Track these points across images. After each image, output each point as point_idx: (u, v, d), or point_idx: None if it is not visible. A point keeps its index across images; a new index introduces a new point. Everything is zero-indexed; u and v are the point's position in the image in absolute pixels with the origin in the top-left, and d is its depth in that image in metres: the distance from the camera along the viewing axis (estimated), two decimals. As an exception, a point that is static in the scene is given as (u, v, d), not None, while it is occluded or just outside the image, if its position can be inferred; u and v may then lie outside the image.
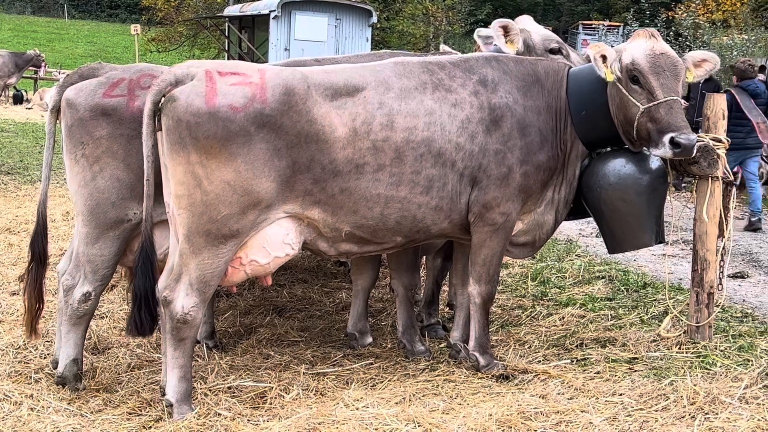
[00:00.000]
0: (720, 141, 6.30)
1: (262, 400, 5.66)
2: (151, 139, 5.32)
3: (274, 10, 31.14)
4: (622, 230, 6.23)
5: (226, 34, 36.72)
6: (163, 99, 5.28)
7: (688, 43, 30.57)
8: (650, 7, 38.56)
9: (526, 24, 6.97)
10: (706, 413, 5.22)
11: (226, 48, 36.25)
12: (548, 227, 6.35)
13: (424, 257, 7.75)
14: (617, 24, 45.02)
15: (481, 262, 6.14)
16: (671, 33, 33.08)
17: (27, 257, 6.07)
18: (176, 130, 5.23)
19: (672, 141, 5.68)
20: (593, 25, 45.73)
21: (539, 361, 6.36)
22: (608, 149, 6.32)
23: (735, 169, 11.94)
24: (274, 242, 5.54)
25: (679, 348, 6.46)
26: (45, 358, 6.20)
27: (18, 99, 31.63)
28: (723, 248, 6.61)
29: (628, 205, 6.11)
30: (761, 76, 14.87)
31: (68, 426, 5.10)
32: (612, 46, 6.04)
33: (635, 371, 6.07)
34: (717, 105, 6.47)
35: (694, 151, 5.79)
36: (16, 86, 31.88)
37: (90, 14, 72.88)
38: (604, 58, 5.87)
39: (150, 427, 5.25)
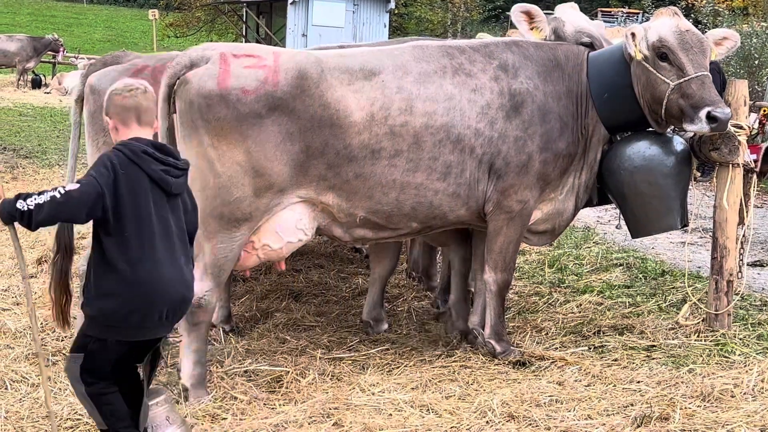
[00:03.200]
0: (741, 127, 6.23)
1: (278, 384, 5.66)
2: (166, 122, 5.34)
3: (292, -5, 31.12)
4: (647, 213, 6.16)
5: (244, 20, 36.78)
6: (177, 82, 5.29)
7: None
8: (669, -6, 38.27)
9: (564, 13, 6.69)
10: (722, 402, 5.20)
11: (244, 33, 36.28)
12: (568, 214, 6.29)
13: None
14: (636, 11, 44.67)
15: (497, 250, 6.08)
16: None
17: (51, 248, 6.07)
18: (188, 112, 5.25)
19: (709, 115, 5.63)
20: (612, 12, 45.45)
21: (556, 348, 6.33)
22: (628, 133, 6.25)
23: (754, 156, 11.79)
24: (287, 227, 5.52)
25: (698, 336, 6.42)
26: (62, 341, 6.22)
27: (36, 83, 31.67)
28: (743, 236, 6.56)
29: (653, 187, 6.04)
30: None
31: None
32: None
33: (653, 359, 6.04)
34: (739, 91, 6.39)
35: (729, 125, 5.77)
36: (34, 70, 32.01)
37: (108, -1, 73.12)
38: (633, 35, 5.83)
39: (166, 410, 5.24)
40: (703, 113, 5.65)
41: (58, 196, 3.97)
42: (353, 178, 5.50)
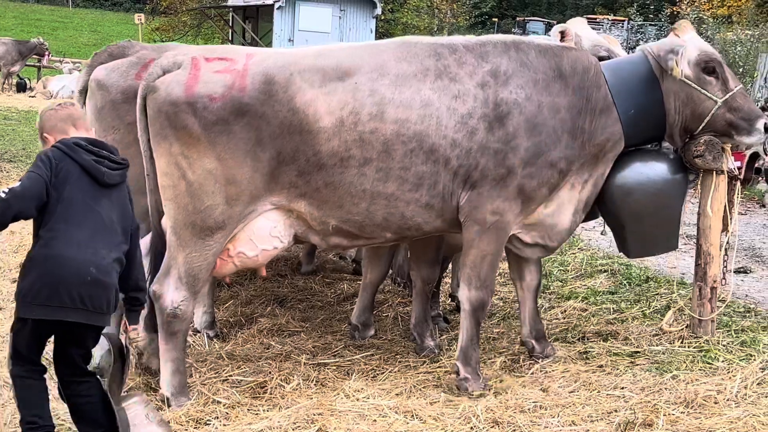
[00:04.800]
0: (725, 135, 6.25)
1: (263, 390, 5.64)
2: (146, 134, 5.28)
3: (278, 1, 31.11)
4: (656, 234, 6.11)
5: (230, 24, 36.73)
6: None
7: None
8: (654, 1, 38.44)
9: (578, 28, 6.78)
10: (705, 408, 5.21)
11: (230, 38, 36.23)
12: (561, 228, 5.88)
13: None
14: (621, 18, 44.82)
15: (470, 264, 5.65)
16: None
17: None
18: (157, 120, 5.18)
19: (766, 126, 5.68)
20: (598, 20, 45.56)
21: (541, 354, 6.32)
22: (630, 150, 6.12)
23: (738, 163, 11.81)
24: (261, 235, 5.46)
25: (682, 342, 6.42)
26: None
27: (21, 87, 31.54)
28: (727, 243, 6.58)
29: (670, 209, 6.01)
30: None
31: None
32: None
33: (637, 365, 6.04)
34: (723, 99, 6.41)
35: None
36: (19, 74, 31.86)
37: (94, 3, 72.90)
38: (677, 53, 5.69)
39: (150, 416, 5.22)
40: (760, 124, 5.69)
41: (2, 195, 4.18)
42: (323, 186, 5.31)
